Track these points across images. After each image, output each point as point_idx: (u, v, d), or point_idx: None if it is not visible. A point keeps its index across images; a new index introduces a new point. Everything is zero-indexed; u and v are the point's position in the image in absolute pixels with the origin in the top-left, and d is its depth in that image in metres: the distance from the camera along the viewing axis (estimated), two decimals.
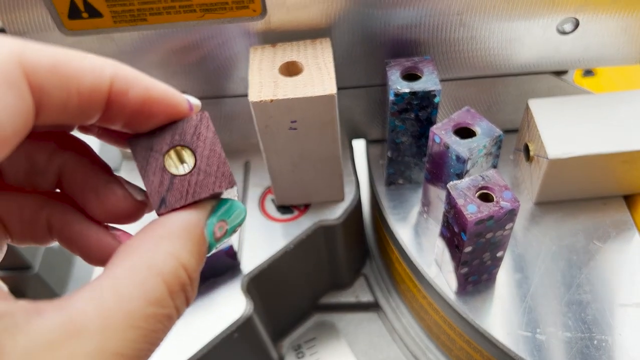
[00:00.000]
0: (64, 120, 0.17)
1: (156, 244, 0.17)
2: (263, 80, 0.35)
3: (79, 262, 0.62)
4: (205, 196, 0.18)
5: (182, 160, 0.19)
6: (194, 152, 0.19)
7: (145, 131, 0.19)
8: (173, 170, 0.19)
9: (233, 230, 0.19)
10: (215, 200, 0.19)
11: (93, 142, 0.23)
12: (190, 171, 0.19)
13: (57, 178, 0.21)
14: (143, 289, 0.15)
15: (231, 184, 0.18)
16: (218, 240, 0.18)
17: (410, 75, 0.37)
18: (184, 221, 0.18)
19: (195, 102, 0.20)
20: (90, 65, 0.17)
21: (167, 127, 0.19)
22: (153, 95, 0.18)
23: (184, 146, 0.19)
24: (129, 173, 0.47)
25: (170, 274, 0.16)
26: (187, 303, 0.17)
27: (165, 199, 0.18)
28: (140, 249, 0.16)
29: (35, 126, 0.16)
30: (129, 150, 0.19)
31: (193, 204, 0.18)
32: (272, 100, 0.33)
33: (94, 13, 0.37)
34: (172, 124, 0.19)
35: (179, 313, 0.16)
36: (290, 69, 0.36)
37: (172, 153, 0.19)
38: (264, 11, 0.36)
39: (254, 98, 0.34)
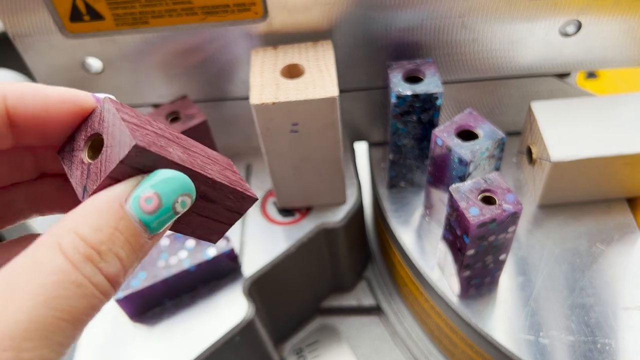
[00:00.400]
0: None
1: (59, 223, 0.17)
2: (265, 82, 0.35)
3: None
4: (112, 167, 0.17)
5: (100, 150, 0.19)
6: (104, 135, 0.19)
7: (66, 137, 0.20)
8: (89, 159, 0.19)
9: (173, 201, 0.18)
10: (142, 174, 0.18)
11: None
12: (101, 153, 0.18)
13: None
14: (37, 261, 0.16)
15: (130, 146, 0.17)
16: (151, 212, 0.17)
17: (412, 78, 0.37)
18: (92, 199, 0.17)
19: (103, 96, 0.20)
20: None
21: (80, 125, 0.20)
22: (51, 99, 0.19)
23: (96, 135, 0.19)
24: None
25: (68, 245, 0.16)
26: (107, 275, 0.16)
27: (86, 186, 0.18)
28: (48, 231, 0.17)
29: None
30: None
31: (115, 183, 0.18)
32: (273, 103, 0.33)
33: (95, 16, 0.37)
34: (84, 121, 0.19)
35: (93, 281, 0.16)
36: (292, 72, 0.36)
37: (89, 146, 0.19)
38: (265, 14, 0.36)
39: (256, 101, 0.34)
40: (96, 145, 0.19)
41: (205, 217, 0.21)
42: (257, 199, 0.21)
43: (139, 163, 0.18)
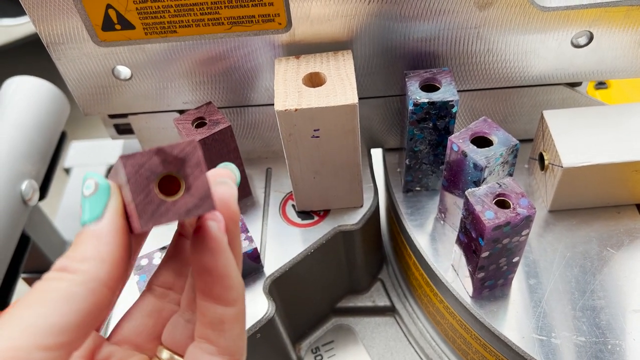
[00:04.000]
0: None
1: None
2: (288, 90, 0.36)
3: None
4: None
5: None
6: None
7: None
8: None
9: (82, 193, 0.21)
10: None
11: None
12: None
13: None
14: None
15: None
16: (82, 214, 0.21)
17: (429, 86, 0.38)
18: None
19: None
20: None
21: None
22: None
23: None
24: None
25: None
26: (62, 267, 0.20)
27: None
28: None
29: None
30: None
31: None
32: (296, 110, 0.35)
33: (126, 25, 0.38)
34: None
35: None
36: (314, 80, 0.37)
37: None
38: (289, 24, 0.38)
39: (280, 107, 0.35)
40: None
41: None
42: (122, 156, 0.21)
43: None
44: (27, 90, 0.58)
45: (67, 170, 0.76)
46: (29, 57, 0.62)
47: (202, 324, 0.23)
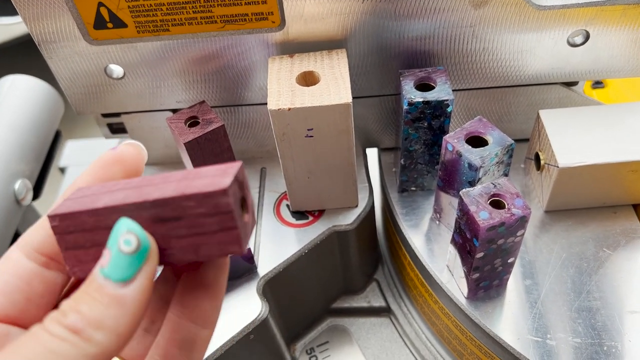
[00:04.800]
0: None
1: None
2: (281, 89, 0.36)
3: None
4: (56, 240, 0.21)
5: None
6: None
7: None
8: None
9: (117, 244, 0.19)
10: None
11: None
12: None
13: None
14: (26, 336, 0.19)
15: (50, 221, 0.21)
16: (105, 265, 0.19)
17: (424, 85, 0.38)
18: None
19: (124, 143, 0.24)
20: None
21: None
22: (89, 174, 0.23)
23: None
24: None
25: (47, 319, 0.19)
26: (64, 324, 0.18)
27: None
28: None
29: None
30: None
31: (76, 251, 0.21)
32: (290, 109, 0.35)
33: (118, 23, 0.38)
34: None
35: (51, 332, 0.18)
36: (308, 79, 0.37)
37: None
38: (282, 23, 0.38)
39: (273, 106, 0.35)
40: None
41: (189, 237, 0.19)
42: (224, 189, 0.18)
43: (66, 228, 0.20)
44: (21, 89, 0.57)
45: (62, 170, 0.76)
46: (26, 55, 0.62)
47: (171, 341, 0.22)
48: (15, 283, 0.21)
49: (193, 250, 0.20)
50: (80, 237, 0.20)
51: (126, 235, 0.19)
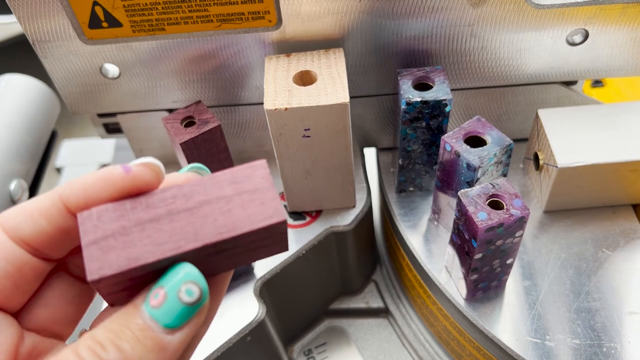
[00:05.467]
0: (63, 240, 0.21)
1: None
2: (278, 89, 0.35)
3: None
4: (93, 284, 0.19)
5: None
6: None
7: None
8: None
9: (177, 291, 0.18)
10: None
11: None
12: None
13: None
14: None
15: (91, 279, 0.18)
16: (158, 306, 0.18)
17: (422, 85, 0.38)
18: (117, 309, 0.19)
19: (139, 161, 0.21)
20: (44, 195, 0.21)
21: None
22: (91, 184, 0.20)
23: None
24: None
25: (81, 344, 0.18)
26: None
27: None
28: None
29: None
30: None
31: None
32: (286, 109, 0.34)
33: (113, 23, 0.38)
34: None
35: None
36: (305, 78, 0.37)
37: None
38: (279, 22, 0.37)
39: (269, 106, 0.34)
40: None
41: (238, 255, 0.20)
42: (284, 220, 0.19)
43: (112, 283, 0.19)
44: (17, 89, 0.57)
45: (58, 170, 0.76)
46: (22, 55, 0.61)
47: None
48: (5, 268, 0.20)
49: (237, 263, 0.20)
50: (123, 282, 0.19)
51: (189, 285, 0.18)
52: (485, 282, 0.35)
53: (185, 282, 0.18)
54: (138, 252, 0.18)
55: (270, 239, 0.20)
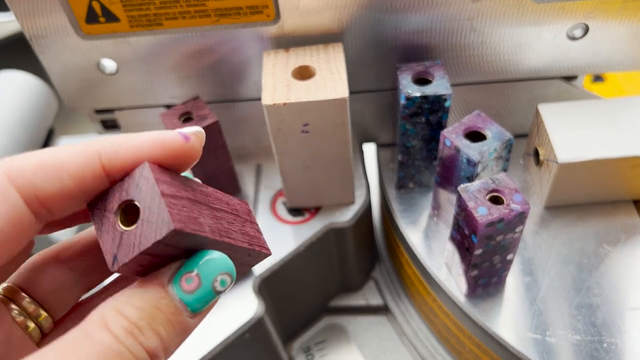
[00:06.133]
0: (78, 204, 0.19)
1: (107, 302, 0.18)
2: (276, 84, 0.35)
3: None
4: (148, 245, 0.18)
5: (133, 216, 0.18)
6: (140, 205, 0.18)
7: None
8: (122, 227, 0.18)
9: (212, 280, 0.18)
10: (182, 258, 0.19)
11: None
12: (136, 224, 0.18)
13: None
14: (85, 334, 0.17)
15: (169, 229, 0.17)
16: (191, 292, 0.18)
17: (421, 80, 0.37)
18: (139, 281, 0.19)
19: (191, 130, 0.20)
20: (76, 150, 0.18)
21: (117, 184, 0.19)
22: (143, 148, 0.19)
23: (131, 201, 0.18)
24: None
25: (112, 322, 0.17)
26: (146, 348, 0.17)
27: (116, 255, 0.18)
28: (97, 309, 0.18)
29: (54, 220, 0.19)
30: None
31: (148, 257, 0.18)
32: (285, 104, 0.34)
33: (111, 18, 0.37)
34: (121, 181, 0.19)
35: (134, 352, 0.17)
36: (303, 73, 0.36)
37: (122, 210, 0.19)
38: (277, 16, 0.37)
39: (268, 101, 0.34)
40: (130, 211, 0.19)
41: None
42: (270, 254, 0.22)
43: (175, 242, 0.18)
44: (14, 85, 0.57)
45: None
46: (20, 53, 0.61)
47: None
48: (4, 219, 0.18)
49: None
50: (170, 249, 0.19)
51: (225, 275, 0.19)
52: (485, 279, 0.35)
53: (222, 272, 0.19)
54: (206, 227, 0.19)
55: (256, 260, 0.22)
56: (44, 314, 0.21)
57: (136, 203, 0.18)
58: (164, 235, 0.17)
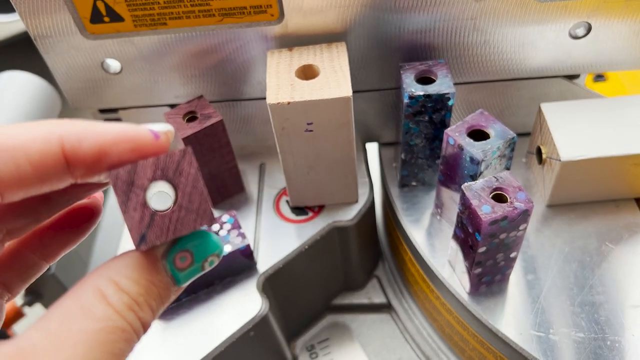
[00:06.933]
0: (33, 190, 0.18)
1: (100, 273, 0.18)
2: (280, 83, 0.35)
3: (94, 263, 0.63)
4: (185, 233, 0.18)
5: (163, 196, 0.19)
6: (175, 188, 0.18)
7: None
8: (154, 206, 0.18)
9: (203, 260, 0.19)
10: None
11: None
12: (172, 207, 0.18)
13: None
14: (85, 308, 0.17)
15: (212, 221, 0.19)
16: (183, 269, 0.19)
17: (425, 79, 0.38)
18: (132, 252, 0.19)
19: (162, 128, 0.20)
20: (36, 133, 0.17)
21: (149, 161, 0.19)
22: (108, 139, 0.18)
23: (166, 181, 0.19)
24: None
25: (112, 295, 0.18)
26: (142, 321, 0.18)
27: (146, 235, 0.18)
28: (88, 279, 0.18)
29: (8, 203, 0.18)
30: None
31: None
32: (289, 103, 0.34)
33: (115, 17, 0.38)
34: (155, 158, 0.19)
35: (134, 327, 0.18)
36: (307, 73, 0.37)
37: (153, 188, 0.19)
38: (281, 16, 0.37)
39: (272, 100, 0.34)
40: (162, 192, 0.19)
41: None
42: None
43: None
44: (18, 86, 0.57)
45: None
46: (24, 53, 0.61)
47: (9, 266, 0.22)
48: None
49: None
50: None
51: (214, 257, 0.19)
52: (488, 276, 0.35)
53: (213, 254, 0.19)
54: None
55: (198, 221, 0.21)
56: None
57: (174, 186, 0.19)
58: (205, 225, 0.18)
